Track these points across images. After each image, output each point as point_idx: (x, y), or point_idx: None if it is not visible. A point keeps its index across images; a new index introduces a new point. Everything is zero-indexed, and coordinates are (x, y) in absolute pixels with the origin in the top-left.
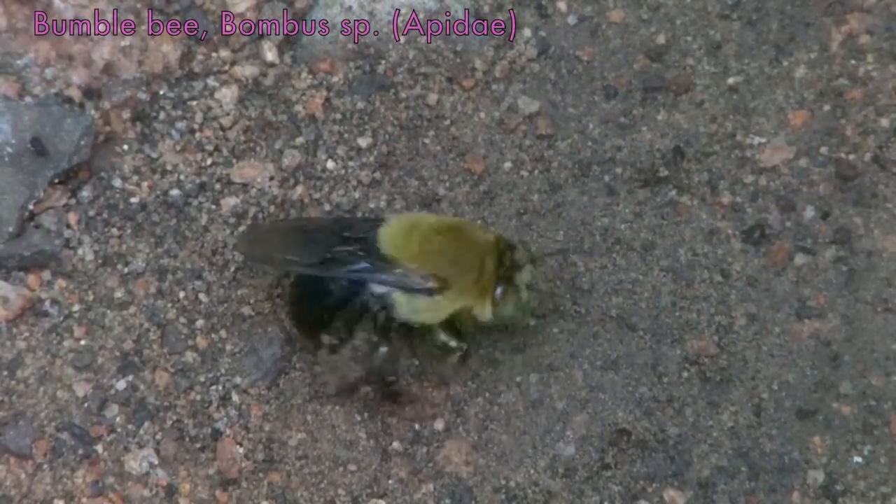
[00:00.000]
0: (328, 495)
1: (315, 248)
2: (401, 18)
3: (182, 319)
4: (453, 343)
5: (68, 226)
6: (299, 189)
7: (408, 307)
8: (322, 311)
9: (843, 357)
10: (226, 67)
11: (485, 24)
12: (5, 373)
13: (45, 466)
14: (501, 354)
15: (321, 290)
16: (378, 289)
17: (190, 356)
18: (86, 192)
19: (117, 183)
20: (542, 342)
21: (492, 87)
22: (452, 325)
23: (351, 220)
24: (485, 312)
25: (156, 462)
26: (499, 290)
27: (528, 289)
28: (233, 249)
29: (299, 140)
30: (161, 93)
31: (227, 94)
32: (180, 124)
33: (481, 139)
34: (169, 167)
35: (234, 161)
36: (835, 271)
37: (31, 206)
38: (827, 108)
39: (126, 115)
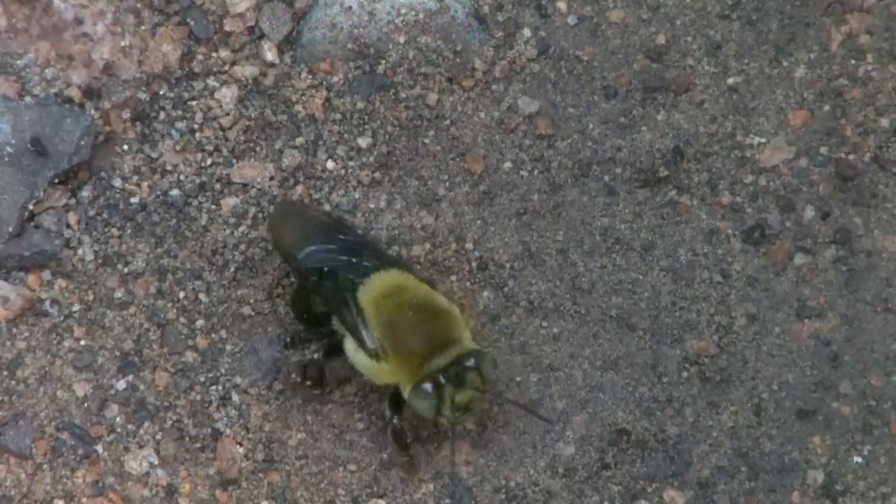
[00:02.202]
0: (328, 495)
1: (323, 257)
2: (401, 18)
3: (182, 319)
4: (388, 412)
5: (68, 226)
6: (299, 189)
7: (353, 356)
8: (306, 313)
9: (843, 357)
10: (226, 67)
11: (485, 24)
12: (5, 373)
13: (45, 466)
14: (501, 354)
15: (311, 298)
16: (336, 324)
17: (190, 356)
18: (86, 192)
19: (117, 183)
20: (542, 342)
21: (492, 87)
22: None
23: (370, 246)
24: (405, 393)
25: (156, 462)
26: (427, 387)
27: (454, 409)
28: (266, 220)
29: (299, 140)
30: (161, 93)
31: (227, 94)
32: (180, 124)
33: (481, 139)
34: (169, 167)
35: (234, 161)
36: (835, 271)
37: (31, 206)
38: (827, 108)
39: (126, 115)
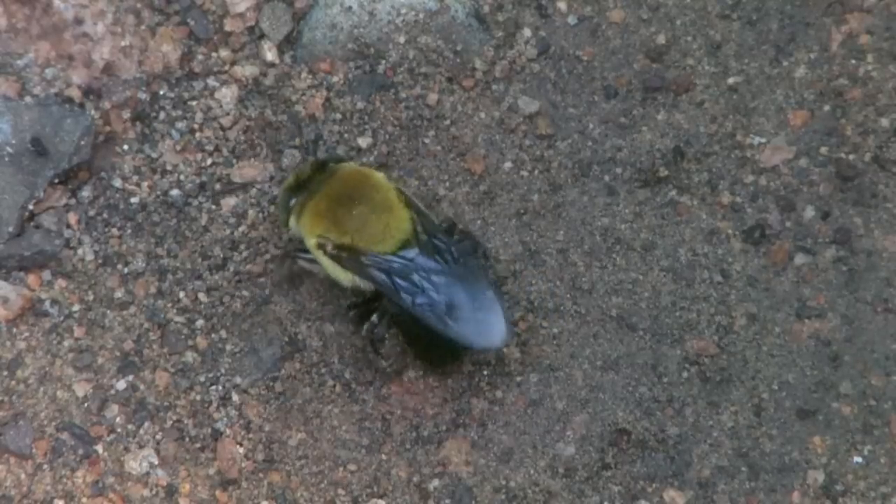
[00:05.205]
0: (328, 495)
1: None
2: (401, 18)
3: (182, 319)
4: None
5: (68, 226)
6: None
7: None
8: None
9: (843, 357)
10: (226, 67)
11: (485, 24)
12: (5, 373)
13: (46, 466)
14: (501, 354)
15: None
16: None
17: (190, 356)
18: (86, 192)
19: (117, 183)
20: (542, 342)
21: (492, 87)
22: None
23: None
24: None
25: (156, 462)
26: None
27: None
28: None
29: (299, 140)
30: (161, 93)
31: (228, 94)
32: (180, 124)
33: (481, 139)
34: (169, 167)
35: (234, 161)
36: (835, 271)
37: (31, 206)
38: (827, 108)
39: (126, 115)
